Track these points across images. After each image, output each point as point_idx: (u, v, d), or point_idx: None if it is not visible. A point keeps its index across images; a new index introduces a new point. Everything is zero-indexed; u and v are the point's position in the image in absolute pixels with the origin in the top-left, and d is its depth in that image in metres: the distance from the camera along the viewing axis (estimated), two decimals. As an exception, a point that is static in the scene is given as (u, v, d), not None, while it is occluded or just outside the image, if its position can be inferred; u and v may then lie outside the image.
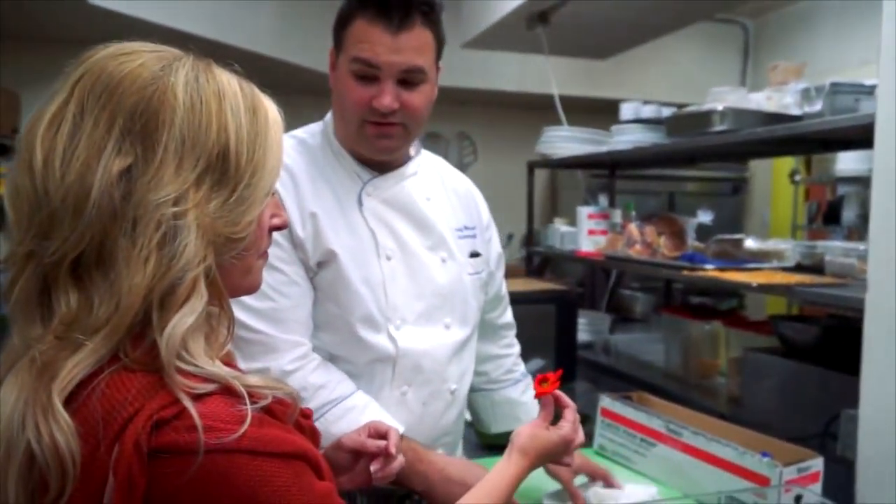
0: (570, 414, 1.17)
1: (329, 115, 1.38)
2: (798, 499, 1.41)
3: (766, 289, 2.00)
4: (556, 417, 1.18)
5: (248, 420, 0.69)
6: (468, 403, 1.57)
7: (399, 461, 1.09)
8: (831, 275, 2.03)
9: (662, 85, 5.27)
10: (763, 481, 1.44)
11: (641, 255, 2.60)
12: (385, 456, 1.08)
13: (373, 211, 1.32)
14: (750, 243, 2.42)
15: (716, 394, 2.69)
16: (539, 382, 1.17)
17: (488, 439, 1.69)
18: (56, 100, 0.72)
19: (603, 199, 3.68)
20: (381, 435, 1.11)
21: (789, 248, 2.37)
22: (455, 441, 1.49)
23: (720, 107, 2.21)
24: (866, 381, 1.42)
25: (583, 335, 3.17)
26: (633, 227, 2.68)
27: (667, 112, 2.87)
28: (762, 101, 2.32)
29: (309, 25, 4.47)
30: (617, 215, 3.00)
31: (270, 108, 0.80)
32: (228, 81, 0.77)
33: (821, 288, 1.82)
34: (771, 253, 2.38)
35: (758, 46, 5.54)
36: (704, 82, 3.49)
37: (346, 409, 1.24)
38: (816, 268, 2.16)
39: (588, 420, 2.10)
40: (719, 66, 5.51)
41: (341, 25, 1.27)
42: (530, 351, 2.21)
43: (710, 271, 2.20)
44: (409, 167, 1.37)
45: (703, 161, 3.25)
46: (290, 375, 1.23)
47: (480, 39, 3.55)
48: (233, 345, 0.82)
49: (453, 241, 1.41)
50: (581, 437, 1.18)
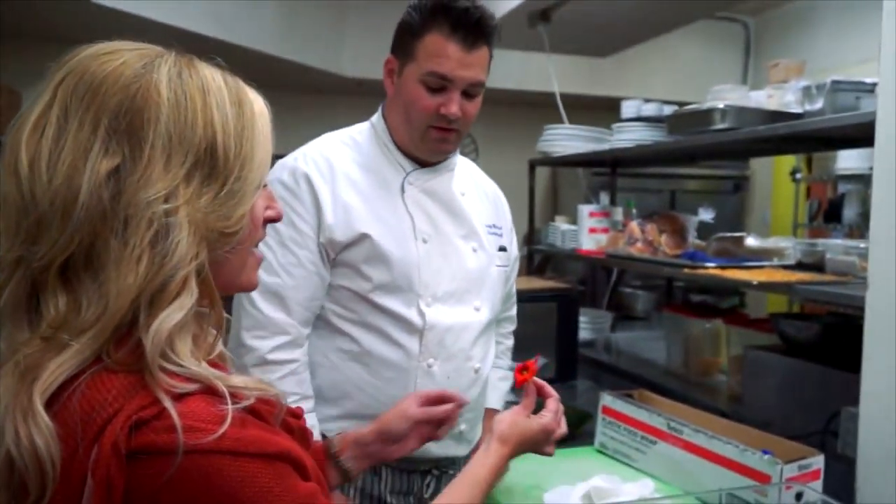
0: (553, 404, 1.20)
1: (377, 116, 1.51)
2: (799, 496, 1.41)
3: (766, 287, 2.00)
4: (539, 407, 1.21)
5: (229, 420, 0.68)
6: None
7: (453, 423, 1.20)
8: (832, 273, 2.03)
9: (664, 83, 5.27)
10: (764, 479, 1.45)
11: (642, 253, 2.60)
12: (450, 419, 1.17)
13: (413, 198, 1.46)
14: (751, 241, 2.42)
15: (717, 392, 2.69)
16: (519, 371, 1.20)
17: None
18: (39, 102, 0.71)
19: (604, 197, 3.68)
20: (445, 399, 1.19)
21: (790, 246, 2.37)
22: (476, 418, 1.59)
23: (721, 105, 2.21)
24: (867, 379, 1.42)
25: (584, 333, 3.17)
26: (634, 226, 2.68)
27: (668, 110, 2.87)
28: (763, 99, 2.32)
29: (312, 24, 4.48)
30: (618, 213, 3.00)
31: (256, 101, 0.80)
32: (212, 76, 0.76)
33: (821, 286, 1.83)
34: (772, 251, 2.38)
35: (759, 44, 5.54)
36: (705, 80, 3.50)
37: None
38: (817, 266, 2.17)
39: (589, 418, 2.11)
40: (720, 64, 5.51)
41: (411, 35, 1.38)
42: (532, 349, 2.21)
43: (711, 269, 2.21)
44: (448, 164, 1.51)
45: (704, 159, 3.25)
46: (265, 368, 1.34)
47: (482, 37, 3.53)
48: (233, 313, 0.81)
49: (484, 234, 1.54)
50: (563, 427, 1.21)
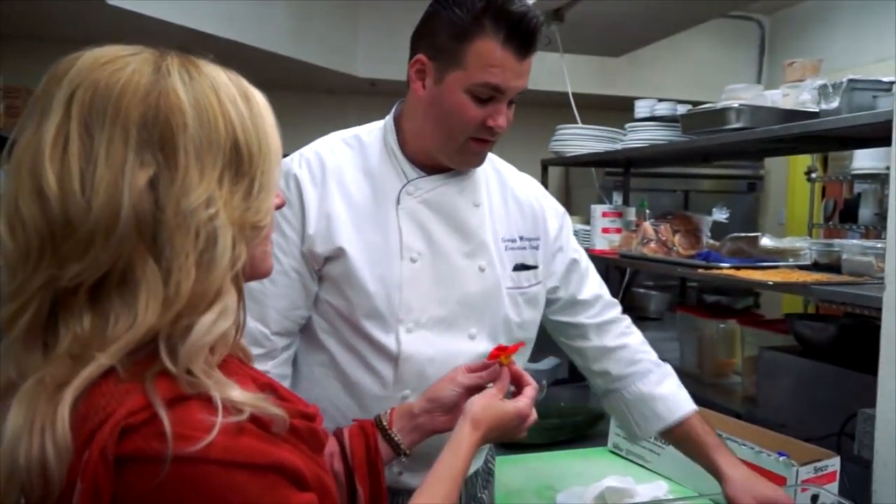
0: (530, 391, 1.16)
1: (390, 117, 1.37)
2: (815, 498, 1.40)
3: (782, 287, 1.98)
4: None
5: (217, 429, 0.66)
6: (609, 410, 1.55)
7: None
8: (848, 273, 2.01)
9: (677, 82, 5.24)
10: (780, 481, 1.44)
11: (656, 253, 2.59)
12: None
13: (409, 210, 1.31)
14: (766, 241, 2.40)
15: (731, 393, 2.67)
16: (498, 349, 1.17)
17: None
18: (51, 120, 0.69)
19: (617, 198, 3.66)
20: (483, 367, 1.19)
21: (805, 246, 2.35)
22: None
23: (736, 104, 2.20)
24: (883, 381, 1.40)
25: (597, 334, 3.14)
26: (647, 226, 2.67)
27: (682, 110, 2.85)
28: (778, 98, 2.30)
29: (324, 24, 4.49)
30: (631, 213, 2.99)
31: (257, 93, 0.80)
32: (216, 73, 0.76)
33: (837, 286, 1.81)
34: (787, 251, 2.36)
35: (774, 43, 5.50)
36: (720, 79, 3.47)
37: None
38: (833, 266, 2.14)
39: (602, 418, 2.11)
40: (735, 64, 5.47)
41: (457, 38, 1.21)
42: (544, 349, 2.20)
43: (726, 270, 2.19)
44: (460, 170, 1.35)
45: (718, 159, 3.22)
46: None
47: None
48: None
49: (497, 250, 1.38)
50: (534, 416, 1.15)
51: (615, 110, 4.02)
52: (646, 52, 3.84)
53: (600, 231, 2.96)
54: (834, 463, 1.49)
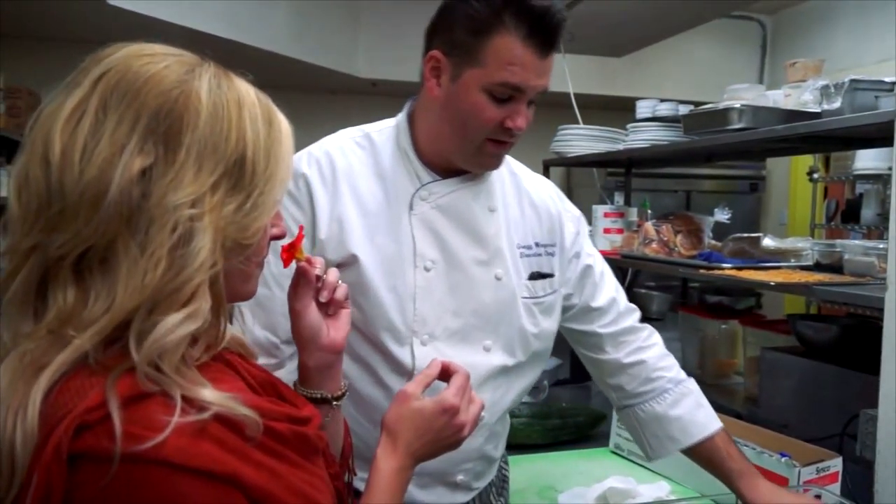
0: (459, 379, 0.98)
1: (402, 116, 1.29)
2: (817, 499, 1.40)
3: (784, 288, 1.98)
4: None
5: (171, 427, 0.64)
6: (625, 425, 1.50)
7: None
8: (850, 274, 2.01)
9: (679, 83, 5.25)
10: (782, 481, 1.44)
11: (658, 253, 2.59)
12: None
13: (422, 216, 1.24)
14: (767, 242, 2.40)
15: (733, 393, 2.67)
16: (285, 251, 0.94)
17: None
18: (75, 94, 0.71)
19: (619, 198, 3.66)
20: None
21: (807, 246, 2.35)
22: (480, 471, 1.37)
23: (737, 104, 2.19)
24: (885, 381, 1.40)
25: (599, 334, 3.14)
26: (649, 226, 2.67)
27: (683, 110, 2.85)
28: (780, 98, 2.30)
29: (326, 25, 4.49)
30: (633, 214, 2.99)
31: (283, 121, 0.81)
32: (247, 90, 0.78)
33: (839, 287, 1.81)
34: (789, 252, 2.36)
35: (775, 43, 5.50)
36: (721, 80, 3.47)
37: None
38: (835, 267, 2.14)
39: (604, 419, 2.11)
40: (736, 64, 5.48)
41: (474, 33, 1.13)
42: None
43: (727, 270, 2.19)
44: (476, 174, 1.28)
45: (719, 159, 3.22)
46: None
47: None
48: None
49: (512, 258, 1.31)
50: (477, 404, 0.99)
51: (617, 111, 4.02)
52: (647, 52, 3.85)
53: (602, 231, 2.96)
54: (836, 463, 1.49)
